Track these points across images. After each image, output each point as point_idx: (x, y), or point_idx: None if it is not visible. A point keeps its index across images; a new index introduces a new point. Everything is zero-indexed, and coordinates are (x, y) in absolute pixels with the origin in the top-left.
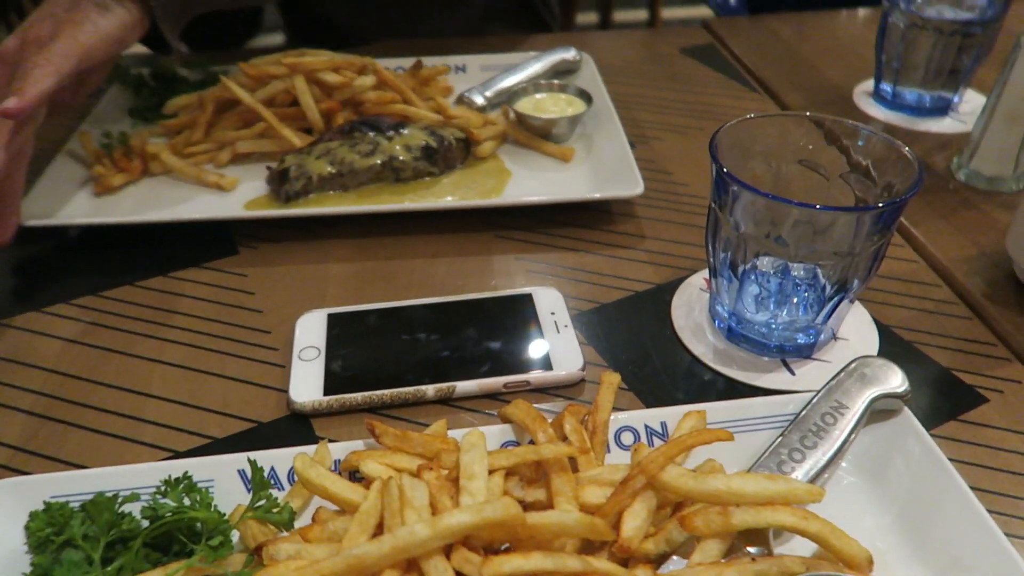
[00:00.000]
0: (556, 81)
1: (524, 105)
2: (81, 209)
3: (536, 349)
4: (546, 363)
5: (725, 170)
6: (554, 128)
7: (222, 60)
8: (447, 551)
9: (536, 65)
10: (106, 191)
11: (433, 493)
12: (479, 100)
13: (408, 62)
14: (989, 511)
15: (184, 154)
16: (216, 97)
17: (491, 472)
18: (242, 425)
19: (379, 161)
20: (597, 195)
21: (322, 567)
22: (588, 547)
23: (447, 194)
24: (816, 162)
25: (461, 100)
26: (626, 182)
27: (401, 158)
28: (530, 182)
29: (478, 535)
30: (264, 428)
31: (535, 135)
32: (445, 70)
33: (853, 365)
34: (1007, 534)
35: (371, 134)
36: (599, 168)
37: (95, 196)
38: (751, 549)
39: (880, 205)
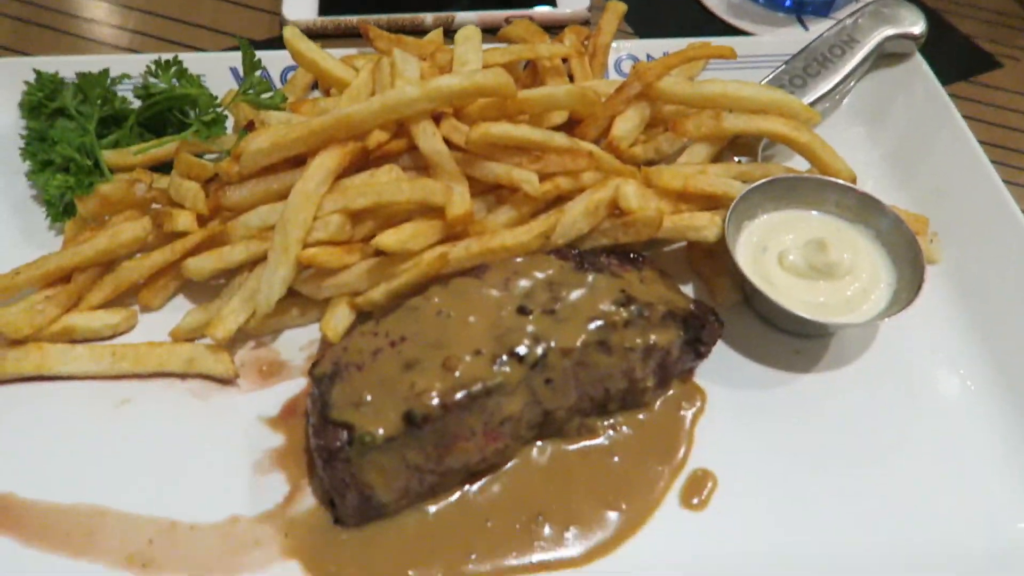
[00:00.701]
0: None
1: None
2: None
3: None
4: (551, 0)
5: None
6: None
7: None
8: (438, 123)
9: None
10: None
11: (425, 75)
12: None
13: None
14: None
15: None
16: None
17: (487, 68)
18: (234, 42)
19: None
20: None
21: (311, 124)
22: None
23: None
24: None
25: None
26: None
27: None
28: None
29: (467, 113)
30: (256, 45)
31: None
32: None
33: (871, 4)
34: (1005, 182)
35: None
36: None
37: None
38: (739, 159)
39: None
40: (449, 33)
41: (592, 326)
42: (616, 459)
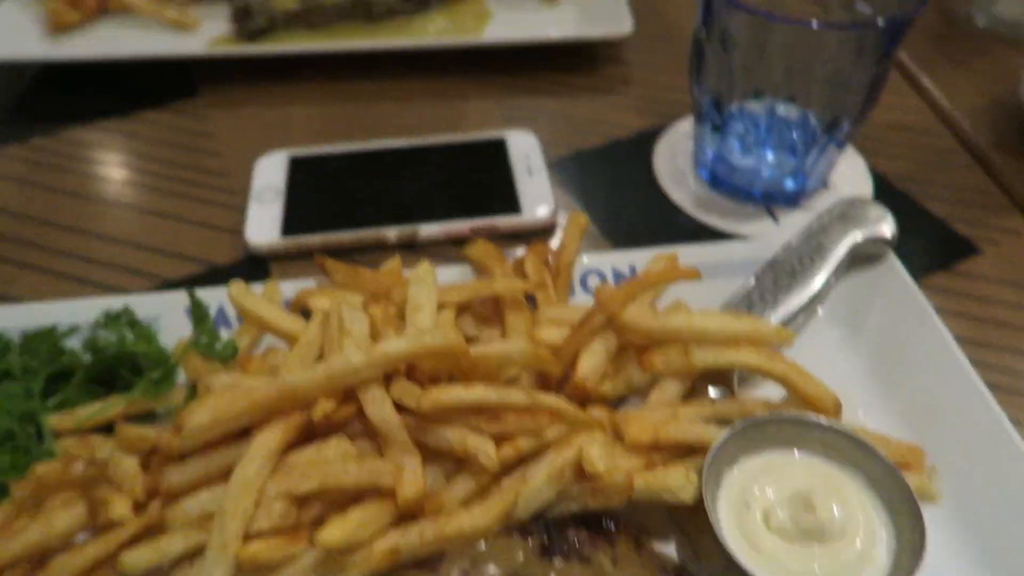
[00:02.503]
0: None
1: None
2: (34, 47)
3: (505, 193)
4: (515, 207)
5: None
6: None
7: None
8: (388, 383)
9: None
10: (61, 29)
11: (377, 325)
12: None
13: None
14: (973, 361)
15: None
16: None
17: (442, 307)
18: (196, 268)
19: None
20: (581, 33)
21: (254, 395)
22: (544, 389)
23: (422, 34)
24: None
25: None
26: (613, 21)
27: None
28: (512, 24)
29: (421, 369)
30: (219, 271)
31: None
32: None
33: (837, 207)
34: (990, 385)
35: None
36: (586, 10)
37: (49, 35)
38: (713, 392)
39: (880, 22)
40: (413, 247)
41: None
42: None
